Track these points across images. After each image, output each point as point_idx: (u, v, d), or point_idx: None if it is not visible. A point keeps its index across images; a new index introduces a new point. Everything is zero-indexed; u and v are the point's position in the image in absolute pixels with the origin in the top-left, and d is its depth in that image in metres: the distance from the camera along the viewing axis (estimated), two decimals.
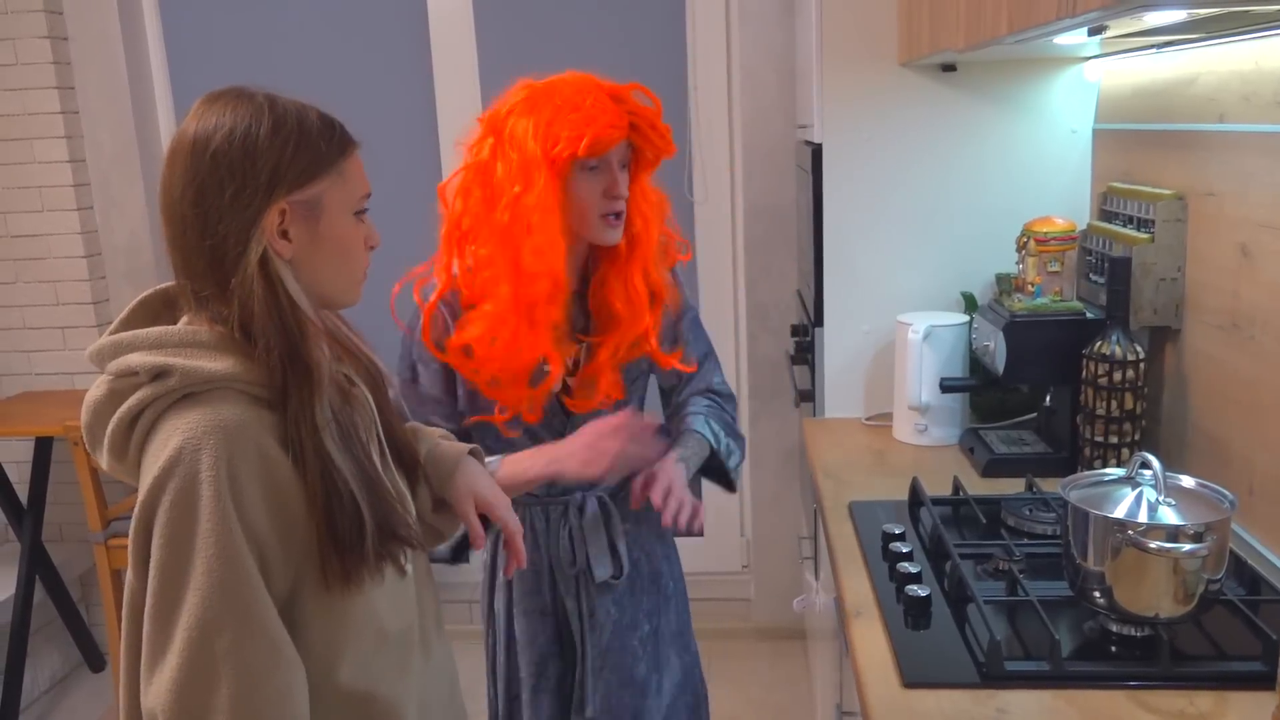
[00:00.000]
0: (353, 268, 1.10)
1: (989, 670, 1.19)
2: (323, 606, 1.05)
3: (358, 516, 1.03)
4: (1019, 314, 1.81)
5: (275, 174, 1.01)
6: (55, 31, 3.00)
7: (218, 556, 0.96)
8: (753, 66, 2.90)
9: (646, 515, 1.65)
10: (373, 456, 1.11)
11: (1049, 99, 2.09)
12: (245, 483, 0.98)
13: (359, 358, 1.16)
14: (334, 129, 1.08)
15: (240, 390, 1.01)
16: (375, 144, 3.45)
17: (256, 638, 0.97)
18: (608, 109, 1.41)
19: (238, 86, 1.07)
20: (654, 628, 1.70)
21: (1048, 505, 1.60)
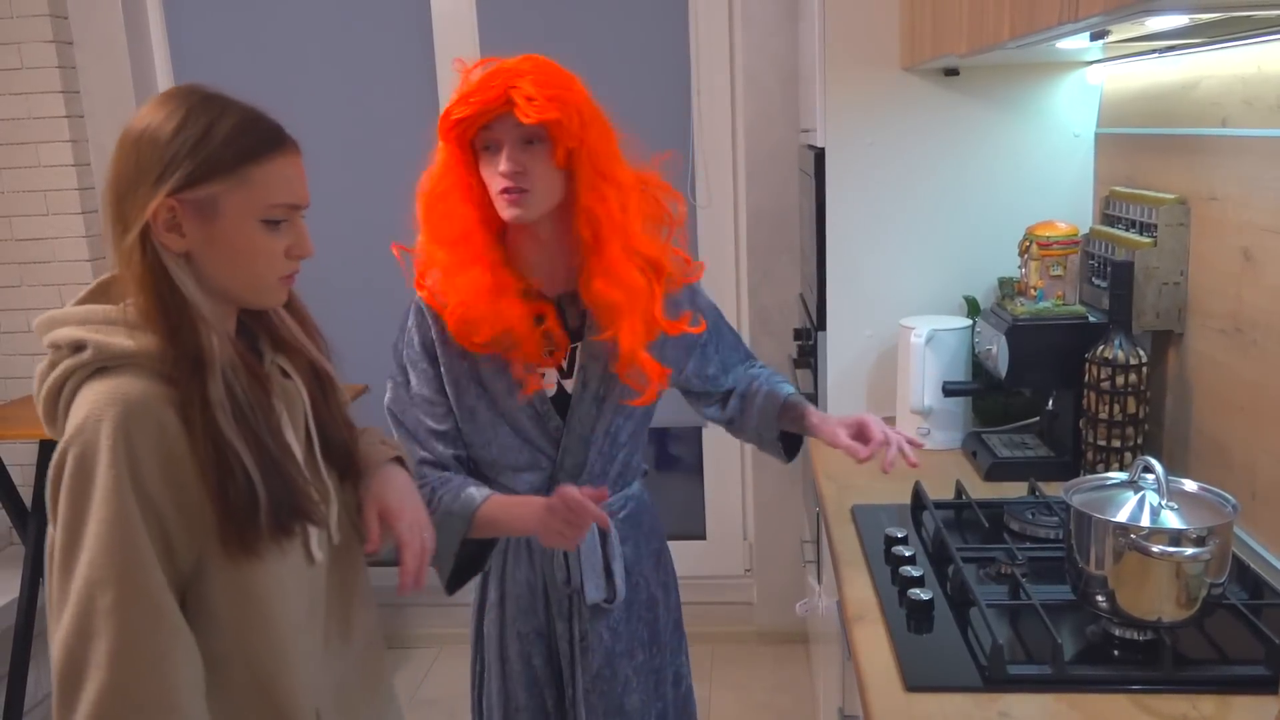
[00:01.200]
0: (257, 272, 1.13)
1: (991, 674, 1.19)
2: (228, 581, 1.09)
3: (250, 490, 1.08)
4: (1021, 318, 1.81)
5: (166, 171, 1.06)
6: (60, 36, 3.01)
7: (107, 520, 1.01)
8: (755, 71, 2.90)
9: (646, 539, 1.63)
10: (284, 439, 1.15)
11: (1051, 103, 2.09)
12: (143, 454, 1.03)
13: (299, 355, 1.21)
14: (245, 136, 1.10)
15: (150, 367, 1.06)
16: (377, 143, 3.45)
17: (139, 599, 1.03)
18: (488, 83, 1.35)
19: (189, 85, 1.13)
20: (649, 657, 1.64)
21: (1050, 509, 1.60)
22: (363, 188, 3.17)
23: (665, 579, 1.69)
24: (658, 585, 1.66)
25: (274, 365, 1.19)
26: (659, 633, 1.65)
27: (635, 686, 1.61)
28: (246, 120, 1.11)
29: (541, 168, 1.38)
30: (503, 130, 1.37)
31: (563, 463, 1.53)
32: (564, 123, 1.34)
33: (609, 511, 1.55)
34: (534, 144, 1.37)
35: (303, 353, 1.22)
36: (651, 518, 1.67)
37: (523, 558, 1.60)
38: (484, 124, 1.38)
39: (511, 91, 1.33)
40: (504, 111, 1.35)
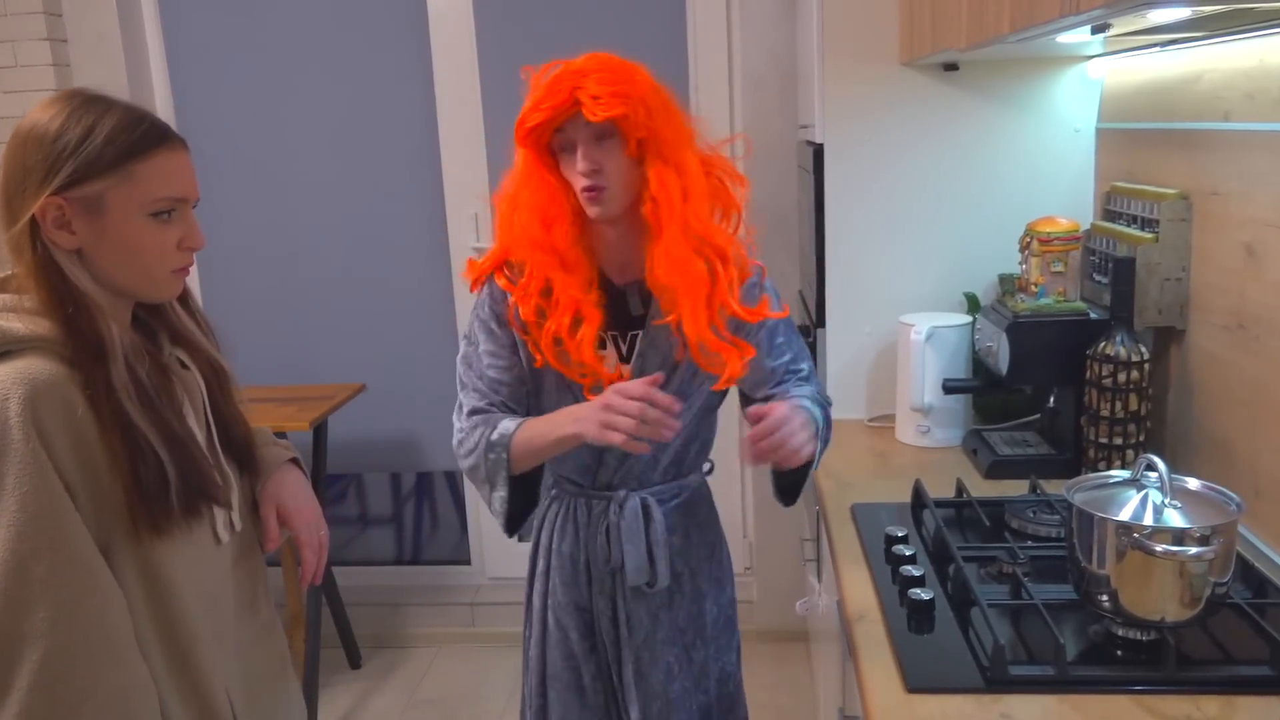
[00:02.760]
0: (149, 264, 1.16)
1: (993, 675, 1.17)
2: (138, 562, 1.13)
3: (161, 471, 1.12)
4: (1022, 314, 1.80)
5: (50, 170, 1.09)
6: (55, 34, 3.00)
7: (31, 492, 1.04)
8: (754, 66, 2.89)
9: (699, 530, 1.63)
10: (188, 424, 1.19)
11: (1052, 98, 2.08)
12: (52, 431, 1.06)
13: (197, 349, 1.26)
14: (126, 134, 1.12)
15: (52, 350, 1.09)
16: (374, 142, 3.43)
17: (73, 564, 1.06)
18: (555, 87, 1.39)
19: (75, 89, 1.16)
20: (692, 648, 1.64)
21: (1051, 507, 1.59)
22: (358, 187, 3.16)
23: (719, 574, 1.69)
24: (708, 579, 1.67)
25: (172, 357, 1.23)
26: (705, 626, 1.66)
27: (677, 674, 1.62)
28: (129, 119, 1.14)
29: (615, 162, 1.41)
30: (575, 130, 1.41)
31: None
32: (630, 116, 1.38)
33: (659, 498, 1.58)
34: (606, 140, 1.41)
35: (199, 348, 1.27)
36: (709, 511, 1.68)
37: (568, 531, 1.62)
38: (557, 127, 1.41)
39: (577, 92, 1.37)
40: (574, 112, 1.38)
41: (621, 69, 1.40)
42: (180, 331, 1.26)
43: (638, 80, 1.40)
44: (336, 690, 3.08)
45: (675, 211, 1.41)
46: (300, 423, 2.72)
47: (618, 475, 1.58)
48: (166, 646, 1.16)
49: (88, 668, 1.07)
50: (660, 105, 1.43)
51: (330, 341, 3.25)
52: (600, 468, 1.58)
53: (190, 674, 1.18)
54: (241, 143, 3.14)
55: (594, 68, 1.39)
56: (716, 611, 1.68)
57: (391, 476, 3.51)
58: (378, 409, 3.18)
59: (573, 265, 1.47)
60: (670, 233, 1.42)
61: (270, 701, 1.32)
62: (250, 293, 3.22)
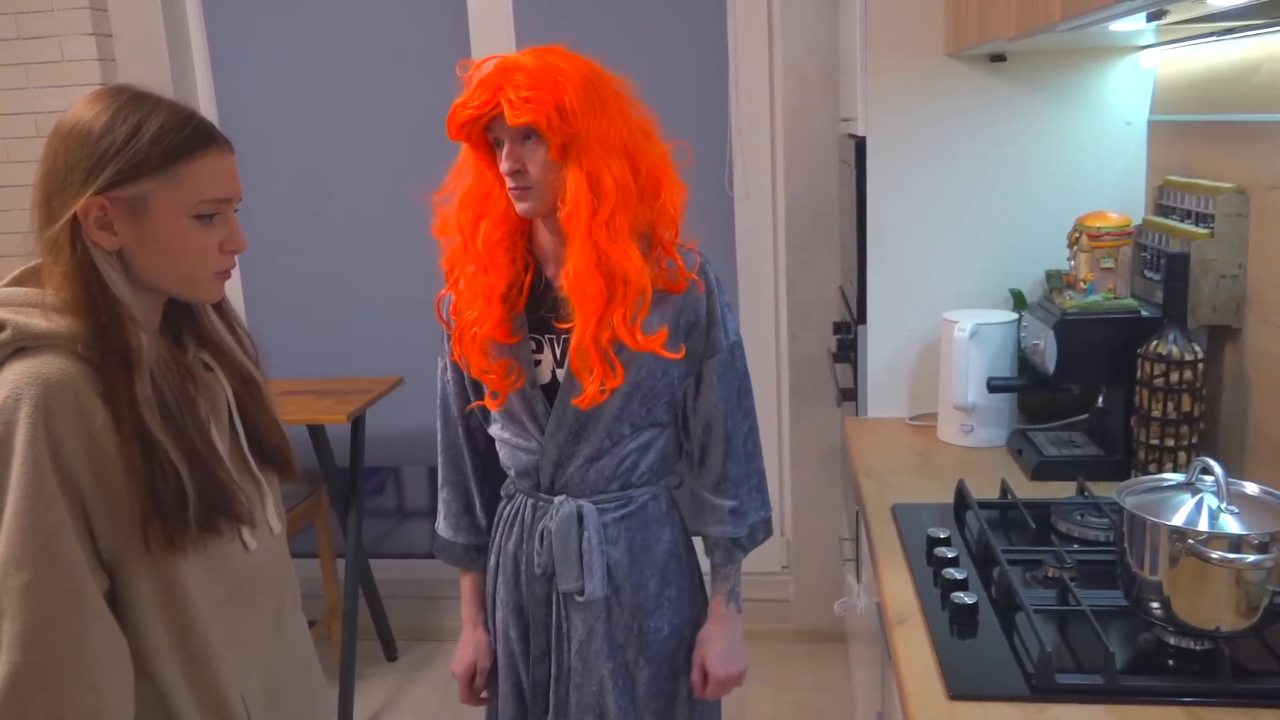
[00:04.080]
0: (191, 266, 1.14)
1: (1039, 683, 1.14)
2: (152, 573, 1.10)
3: (179, 487, 1.09)
4: (1071, 312, 1.75)
5: (94, 169, 1.07)
6: (100, 29, 3.03)
7: (25, 498, 1.02)
8: (795, 59, 2.85)
9: (646, 547, 1.58)
10: (210, 436, 1.17)
11: (1102, 90, 2.02)
12: (64, 433, 1.04)
13: (227, 355, 1.24)
14: (173, 134, 1.10)
15: (71, 350, 1.07)
16: (413, 139, 3.45)
17: (55, 579, 1.03)
18: (482, 86, 1.39)
19: (119, 85, 1.14)
20: (629, 665, 1.58)
21: (1100, 510, 1.55)
22: (398, 186, 3.16)
23: (674, 596, 1.60)
24: (657, 597, 1.58)
25: (197, 359, 1.21)
26: (650, 644, 1.58)
27: (612, 689, 1.57)
28: (176, 119, 1.12)
29: (539, 163, 1.41)
30: (501, 128, 1.41)
31: (547, 449, 1.53)
32: (550, 121, 1.36)
33: (601, 509, 1.54)
34: (530, 140, 1.40)
35: (228, 353, 1.24)
36: (663, 528, 1.60)
37: (514, 531, 1.61)
38: (484, 125, 1.42)
39: (499, 93, 1.37)
40: (498, 112, 1.38)
41: (548, 71, 1.37)
42: (208, 334, 1.23)
43: (563, 83, 1.37)
44: (373, 682, 3.09)
45: (581, 223, 1.40)
46: (338, 415, 2.74)
47: (557, 482, 1.55)
48: (181, 654, 1.14)
49: (57, 690, 1.04)
50: (591, 108, 1.39)
51: (369, 335, 3.26)
52: (539, 473, 1.56)
53: (205, 680, 1.16)
54: (282, 138, 3.15)
55: (521, 67, 1.37)
56: (668, 631, 1.60)
57: (429, 470, 3.52)
58: (415, 403, 3.18)
59: (492, 265, 1.48)
60: (575, 243, 1.41)
61: (291, 707, 1.30)
62: (291, 287, 3.24)
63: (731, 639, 1.60)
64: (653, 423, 1.55)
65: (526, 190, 1.42)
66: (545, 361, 1.53)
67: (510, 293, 1.50)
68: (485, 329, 1.48)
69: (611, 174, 1.40)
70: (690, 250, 1.53)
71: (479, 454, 1.67)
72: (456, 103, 1.42)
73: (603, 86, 1.41)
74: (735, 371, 1.58)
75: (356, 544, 2.98)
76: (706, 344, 1.54)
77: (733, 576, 1.61)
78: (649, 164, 1.45)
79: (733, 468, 1.58)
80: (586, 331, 1.42)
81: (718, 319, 1.54)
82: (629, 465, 1.55)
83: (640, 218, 1.45)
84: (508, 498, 1.64)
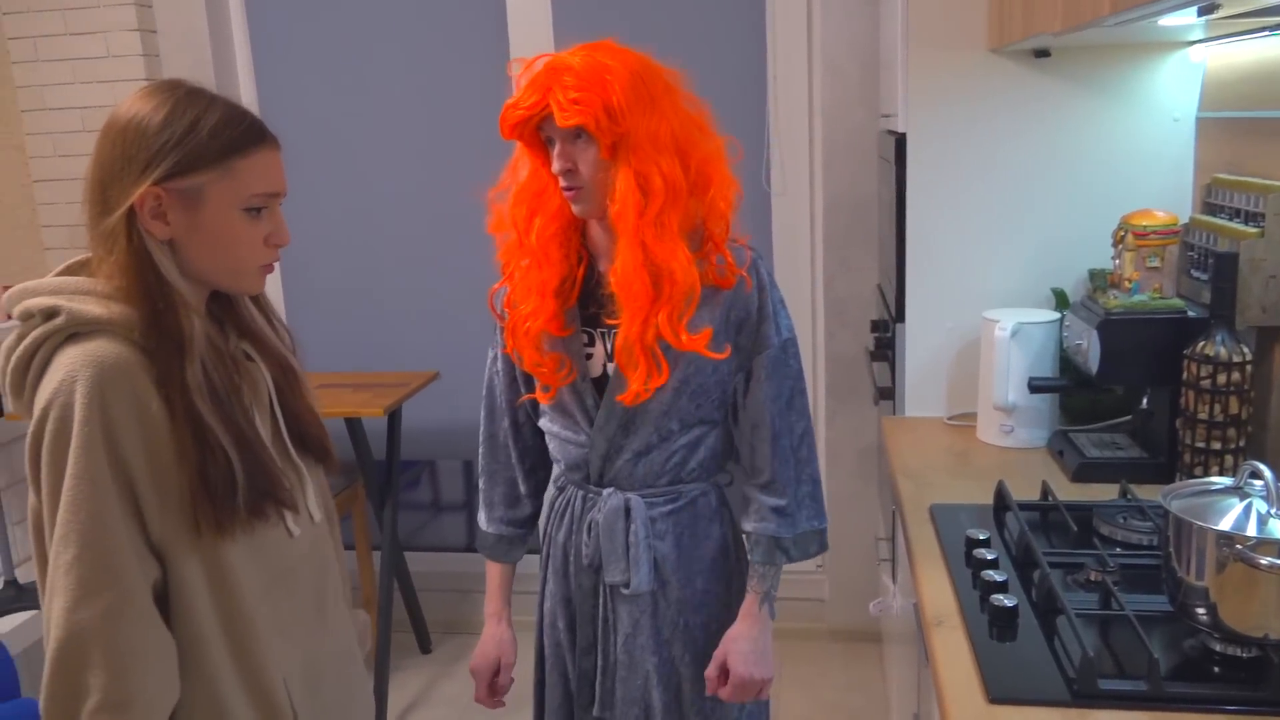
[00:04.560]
0: (239, 258, 1.17)
1: (1081, 688, 1.12)
2: (199, 552, 1.13)
3: (229, 472, 1.12)
4: (1115, 311, 1.72)
5: (153, 160, 1.10)
6: (145, 24, 3.07)
7: (75, 477, 1.05)
8: (834, 54, 2.83)
9: (696, 542, 1.57)
10: (254, 422, 1.20)
11: (1149, 85, 1.99)
12: (117, 415, 1.07)
13: (266, 345, 1.26)
14: (229, 129, 1.14)
15: (123, 335, 1.10)
16: (452, 138, 3.46)
17: (96, 558, 1.06)
18: (532, 86, 1.38)
19: (173, 80, 1.16)
20: (674, 661, 1.58)
21: (1144, 514, 1.52)
22: (437, 183, 3.18)
23: (722, 592, 1.61)
24: (704, 594, 1.59)
25: (239, 349, 1.23)
26: (696, 640, 1.58)
27: (657, 683, 1.57)
28: (232, 115, 1.15)
29: (590, 163, 1.41)
30: (552, 128, 1.41)
31: (595, 442, 1.54)
32: (598, 122, 1.36)
33: (649, 503, 1.54)
34: (581, 139, 1.40)
35: (267, 343, 1.26)
36: (713, 525, 1.59)
37: (563, 521, 1.61)
38: (536, 124, 1.42)
39: (549, 94, 1.37)
40: (549, 113, 1.38)
41: (596, 71, 1.37)
42: (248, 325, 1.26)
43: (612, 82, 1.36)
44: (407, 674, 3.11)
45: (630, 222, 1.40)
46: (375, 409, 2.75)
47: (606, 474, 1.55)
48: (227, 639, 1.16)
49: (87, 669, 1.06)
50: (641, 106, 1.38)
51: (406, 330, 3.28)
52: (588, 465, 1.56)
53: (250, 663, 1.18)
54: (323, 133, 3.18)
55: (569, 68, 1.37)
56: (716, 629, 1.59)
57: (464, 464, 3.53)
58: (451, 397, 3.20)
59: (545, 260, 1.49)
60: (624, 241, 1.41)
61: (331, 693, 1.31)
62: (329, 282, 3.27)
63: (760, 642, 1.56)
64: (702, 419, 1.54)
65: (579, 190, 1.42)
66: (596, 355, 1.53)
67: (563, 287, 1.50)
68: (538, 323, 1.48)
69: (660, 171, 1.39)
70: (741, 246, 1.52)
71: (522, 446, 1.67)
72: (508, 103, 1.42)
73: (653, 82, 1.41)
74: (788, 370, 1.54)
75: (392, 536, 3.00)
76: (756, 340, 1.52)
77: (770, 578, 1.57)
78: (700, 159, 1.44)
79: (780, 469, 1.54)
80: (632, 329, 1.42)
81: (769, 314, 1.51)
82: (678, 461, 1.54)
83: (690, 214, 1.44)
84: (558, 489, 1.64)
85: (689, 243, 1.43)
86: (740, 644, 1.55)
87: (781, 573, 1.59)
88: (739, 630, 1.57)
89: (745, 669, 1.54)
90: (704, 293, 1.45)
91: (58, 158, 3.16)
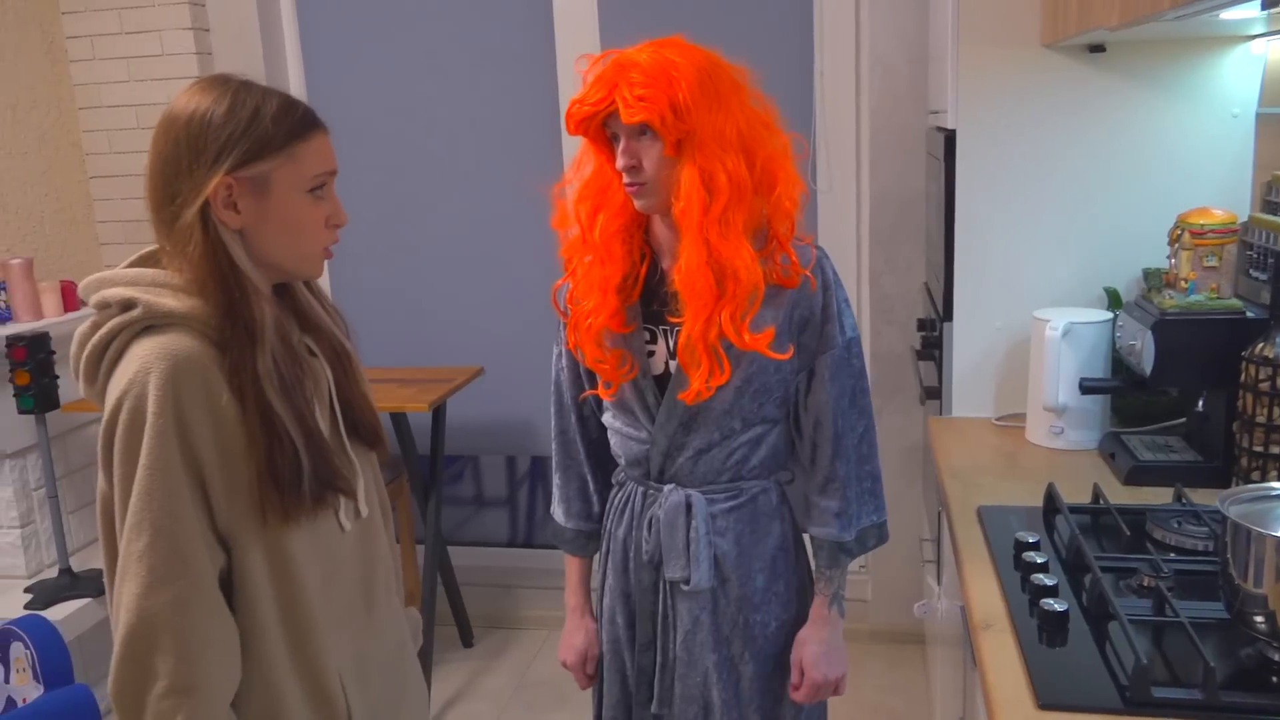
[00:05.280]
0: (305, 241, 1.20)
1: (1134, 696, 1.10)
2: (263, 543, 1.15)
3: (296, 459, 1.14)
4: (1170, 312, 1.69)
5: (222, 151, 1.12)
6: (198, 23, 3.12)
7: (148, 467, 1.08)
8: (882, 50, 2.80)
9: (756, 539, 1.57)
10: (315, 413, 1.21)
11: (1208, 81, 1.94)
12: (189, 407, 1.09)
13: (324, 335, 1.28)
14: (289, 115, 1.17)
15: (197, 329, 1.12)
16: (498, 131, 3.48)
17: (168, 546, 1.08)
18: (598, 83, 1.38)
19: (223, 74, 1.18)
20: (734, 660, 1.57)
21: (1200, 519, 1.49)
22: (481, 175, 3.19)
23: (781, 590, 1.59)
24: (764, 591, 1.58)
25: (301, 344, 1.25)
26: (756, 639, 1.58)
27: (716, 682, 1.56)
28: (287, 102, 1.18)
29: (654, 159, 1.41)
30: (617, 124, 1.40)
31: (656, 439, 1.53)
32: (664, 119, 1.35)
33: (710, 499, 1.54)
34: (646, 136, 1.40)
35: (326, 332, 1.28)
36: (773, 522, 1.58)
37: (624, 518, 1.61)
38: (601, 120, 1.42)
39: (615, 90, 1.37)
40: (614, 109, 1.38)
41: (663, 68, 1.36)
42: (309, 316, 1.27)
43: (678, 79, 1.35)
44: (449, 668, 3.13)
45: (694, 220, 1.39)
46: (420, 404, 2.78)
47: (666, 471, 1.55)
48: (287, 630, 1.18)
49: (156, 654, 1.09)
50: (707, 103, 1.37)
51: (451, 325, 3.30)
52: (648, 462, 1.56)
53: (307, 655, 1.20)
54: (370, 130, 3.21)
55: (636, 64, 1.37)
56: (775, 627, 1.59)
57: (507, 459, 3.55)
58: (495, 392, 3.22)
59: (608, 257, 1.48)
60: (688, 239, 1.40)
61: (384, 686, 1.33)
62: (375, 278, 3.30)
63: (831, 642, 1.58)
64: (764, 418, 1.53)
65: (642, 186, 1.42)
66: (659, 352, 1.52)
67: (626, 284, 1.49)
68: (600, 319, 1.48)
69: (725, 169, 1.38)
70: (807, 245, 1.51)
71: (591, 441, 1.67)
72: (574, 99, 1.42)
73: (720, 79, 1.40)
74: (851, 370, 1.54)
75: (436, 531, 3.03)
76: (820, 340, 1.51)
77: (837, 579, 1.58)
78: (766, 156, 1.42)
79: (841, 467, 1.54)
80: (695, 327, 1.42)
81: (833, 314, 1.50)
82: (740, 459, 1.54)
83: (755, 212, 1.43)
84: (619, 485, 1.65)
85: (753, 241, 1.42)
86: (810, 646, 1.57)
87: (847, 571, 1.60)
88: (808, 633, 1.58)
89: (817, 671, 1.56)
90: (768, 292, 1.44)
91: (113, 154, 3.22)
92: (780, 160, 1.44)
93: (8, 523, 2.85)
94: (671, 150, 1.39)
